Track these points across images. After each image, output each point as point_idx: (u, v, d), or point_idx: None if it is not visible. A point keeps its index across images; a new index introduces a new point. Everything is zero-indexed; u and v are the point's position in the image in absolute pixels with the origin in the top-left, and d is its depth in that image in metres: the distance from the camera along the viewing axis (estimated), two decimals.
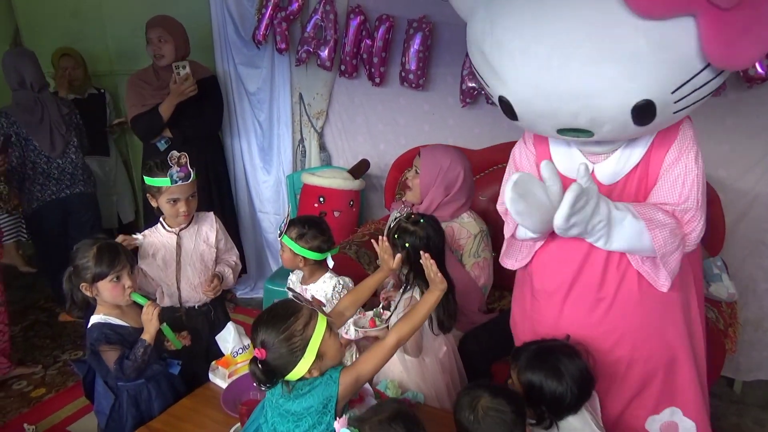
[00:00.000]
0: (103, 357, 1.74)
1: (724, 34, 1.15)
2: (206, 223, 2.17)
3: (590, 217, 1.35)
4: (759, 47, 1.18)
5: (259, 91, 3.27)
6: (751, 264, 2.43)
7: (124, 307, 1.80)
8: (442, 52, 2.77)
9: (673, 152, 1.41)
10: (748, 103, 2.26)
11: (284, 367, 1.28)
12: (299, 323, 1.29)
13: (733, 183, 2.37)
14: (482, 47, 1.36)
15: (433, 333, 1.89)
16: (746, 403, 2.55)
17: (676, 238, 1.39)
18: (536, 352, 1.41)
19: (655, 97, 1.23)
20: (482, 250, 2.26)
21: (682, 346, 1.53)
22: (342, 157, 3.25)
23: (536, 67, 1.26)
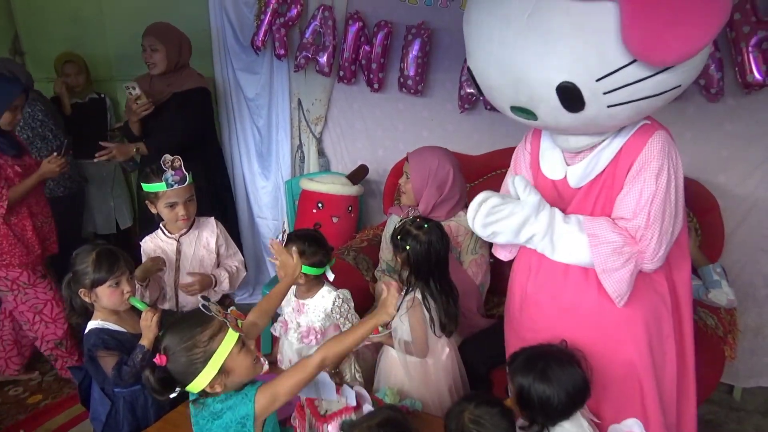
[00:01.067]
0: (100, 363, 1.73)
1: (645, 24, 1.14)
2: (207, 229, 2.18)
3: (517, 229, 1.46)
4: (686, 45, 1.15)
5: (258, 97, 3.27)
6: (750, 270, 2.42)
7: (121, 313, 1.80)
8: (440, 58, 2.78)
9: (636, 165, 1.39)
10: (747, 109, 2.26)
11: (182, 378, 1.24)
12: (205, 334, 1.25)
13: (732, 189, 2.37)
14: (464, 19, 1.44)
15: (435, 335, 1.88)
16: (746, 410, 2.54)
17: (621, 256, 1.40)
18: (529, 356, 1.42)
19: (578, 81, 1.25)
20: (480, 247, 2.27)
21: (644, 364, 1.51)
22: (341, 163, 3.25)
23: (486, 39, 1.35)
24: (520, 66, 1.30)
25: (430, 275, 1.87)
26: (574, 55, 1.23)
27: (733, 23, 2.09)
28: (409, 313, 1.84)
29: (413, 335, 1.84)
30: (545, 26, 1.23)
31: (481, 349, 2.12)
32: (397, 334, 1.88)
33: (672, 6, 1.13)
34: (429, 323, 1.86)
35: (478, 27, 1.36)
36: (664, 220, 1.39)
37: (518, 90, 1.35)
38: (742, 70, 2.12)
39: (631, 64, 1.21)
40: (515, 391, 1.40)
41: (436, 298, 1.86)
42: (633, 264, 1.41)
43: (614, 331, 1.52)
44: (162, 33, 2.85)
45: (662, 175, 1.37)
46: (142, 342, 1.72)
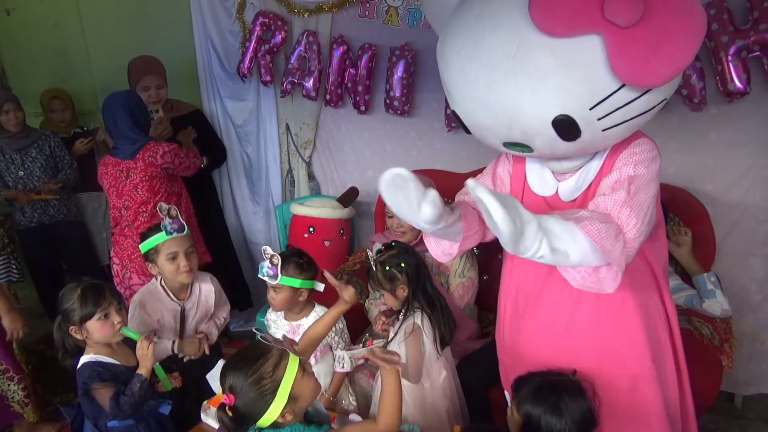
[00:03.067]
0: (95, 396, 1.70)
1: (630, 52, 1.16)
2: (205, 284, 2.17)
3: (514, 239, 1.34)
4: (670, 66, 1.18)
5: (246, 124, 3.28)
6: (743, 276, 2.42)
7: (114, 346, 1.78)
8: (425, 78, 2.80)
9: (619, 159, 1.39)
10: (730, 117, 2.28)
11: (255, 413, 1.23)
12: (269, 365, 1.24)
13: (720, 197, 2.38)
14: (440, 64, 1.44)
15: (438, 352, 1.88)
16: (748, 418, 2.52)
17: (611, 228, 1.29)
18: (539, 386, 1.39)
19: (572, 112, 1.26)
20: (468, 270, 2.25)
21: (648, 376, 1.50)
22: (331, 186, 3.25)
23: (470, 84, 1.34)
24: (511, 107, 1.30)
25: (426, 280, 1.90)
26: (565, 89, 1.24)
27: (711, 33, 2.11)
28: (408, 340, 1.83)
29: (410, 362, 1.84)
30: (532, 66, 1.23)
31: (478, 368, 2.11)
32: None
33: (653, 31, 1.15)
34: (432, 341, 1.85)
35: (461, 73, 1.35)
36: (643, 208, 1.33)
37: (511, 128, 1.35)
38: (723, 79, 2.14)
39: (621, 89, 1.23)
40: (521, 419, 1.37)
41: (435, 305, 1.88)
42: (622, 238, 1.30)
43: (616, 346, 1.50)
44: (161, 68, 3.01)
45: (641, 165, 1.36)
46: (139, 371, 1.71)
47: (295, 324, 1.97)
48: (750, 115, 2.25)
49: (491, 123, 1.38)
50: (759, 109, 2.23)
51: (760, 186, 2.33)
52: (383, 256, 1.90)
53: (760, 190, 2.33)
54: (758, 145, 2.28)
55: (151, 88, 2.94)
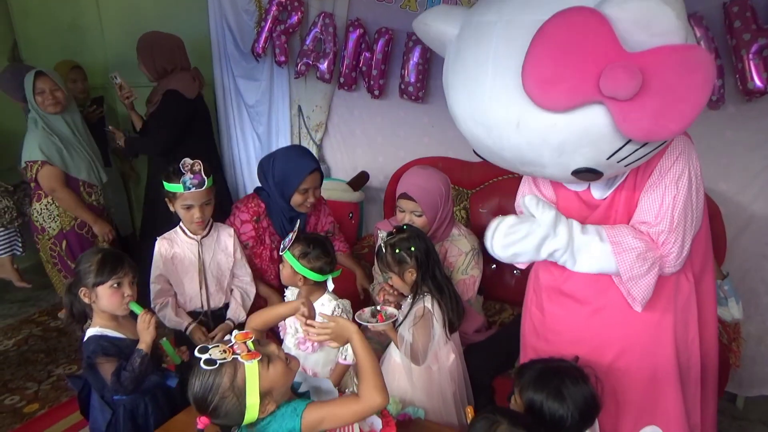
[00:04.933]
0: (99, 370, 1.71)
1: (637, 118, 1.14)
2: (225, 233, 2.21)
3: (537, 247, 1.43)
4: (681, 122, 1.15)
5: (258, 104, 3.27)
6: (753, 278, 2.41)
7: (120, 319, 1.78)
8: (441, 64, 2.71)
9: (657, 170, 1.40)
10: (747, 117, 2.27)
11: (234, 421, 1.21)
12: (225, 381, 1.18)
13: (733, 196, 2.37)
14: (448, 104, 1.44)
15: (447, 336, 1.88)
16: (749, 419, 2.52)
17: (646, 262, 1.39)
18: (541, 372, 1.39)
19: (591, 164, 1.28)
20: (471, 268, 2.22)
21: (668, 365, 1.51)
22: (341, 170, 3.24)
23: (480, 139, 1.35)
24: (530, 164, 1.33)
25: (436, 265, 1.90)
26: (578, 151, 1.25)
27: (733, 31, 2.10)
28: (418, 324, 1.83)
29: (417, 345, 1.84)
30: (539, 136, 1.24)
31: (484, 356, 2.11)
32: (403, 341, 1.87)
33: (658, 94, 1.12)
34: (441, 327, 1.86)
35: (471, 135, 1.37)
36: (686, 224, 1.39)
37: (535, 173, 1.40)
38: (742, 78, 2.13)
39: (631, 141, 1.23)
40: (524, 405, 1.37)
41: (444, 289, 1.87)
42: (656, 268, 1.41)
43: (641, 336, 1.50)
44: (139, 47, 2.97)
45: (683, 179, 1.38)
46: (139, 346, 1.71)
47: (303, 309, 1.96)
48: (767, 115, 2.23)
49: (511, 167, 1.42)
50: None
51: None
52: (394, 238, 1.90)
53: None
54: None
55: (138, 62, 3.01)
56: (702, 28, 2.12)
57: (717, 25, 2.15)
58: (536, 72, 1.15)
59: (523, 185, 1.77)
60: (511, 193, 2.52)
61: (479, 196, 2.62)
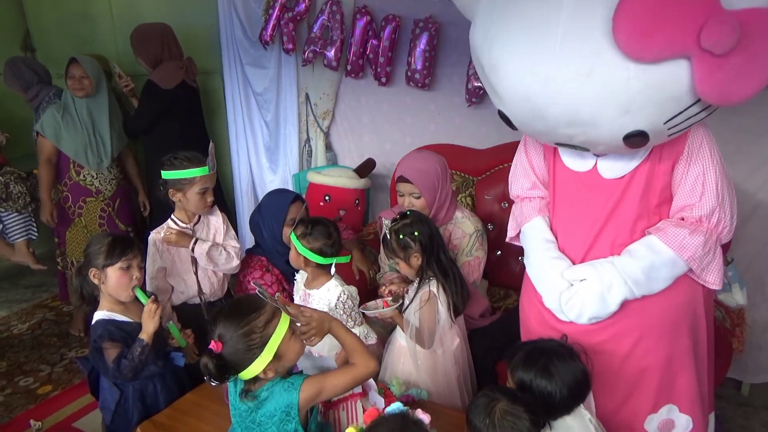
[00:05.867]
0: (105, 354, 1.74)
1: (718, 76, 1.15)
2: (213, 215, 2.22)
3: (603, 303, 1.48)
4: (755, 86, 1.17)
5: (266, 92, 3.28)
6: (759, 265, 2.40)
7: (127, 304, 1.81)
8: (448, 51, 2.78)
9: (687, 150, 1.42)
10: (755, 104, 2.18)
11: (239, 364, 1.25)
12: (261, 320, 1.26)
13: (740, 183, 2.34)
14: (481, 62, 1.38)
15: (451, 320, 1.89)
16: (754, 406, 2.53)
17: (711, 249, 1.45)
18: (529, 352, 1.41)
19: (647, 128, 1.26)
20: (476, 250, 2.23)
21: (683, 344, 1.53)
22: (348, 157, 3.25)
23: (531, 95, 1.28)
24: (581, 123, 1.27)
25: (440, 249, 1.91)
26: (644, 111, 1.22)
27: None
28: (423, 308, 1.85)
29: (423, 328, 1.86)
30: (609, 89, 1.19)
31: (488, 341, 2.13)
32: (409, 325, 1.89)
33: (744, 56, 1.13)
34: (446, 311, 1.87)
35: (519, 84, 1.28)
36: (731, 194, 1.45)
37: (573, 137, 1.34)
38: None
39: (698, 102, 1.22)
40: (515, 386, 1.39)
41: (448, 274, 1.89)
42: (720, 248, 1.47)
43: (658, 325, 1.52)
44: (132, 41, 3.16)
45: (715, 155, 1.43)
46: (141, 336, 1.72)
47: (307, 292, 1.97)
48: None
49: (549, 131, 1.36)
50: None
51: None
52: (398, 224, 1.91)
53: None
54: None
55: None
56: None
57: None
58: (633, 19, 1.12)
59: (514, 172, 1.78)
60: None
61: (485, 183, 2.63)
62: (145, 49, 3.12)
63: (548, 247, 1.63)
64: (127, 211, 3.22)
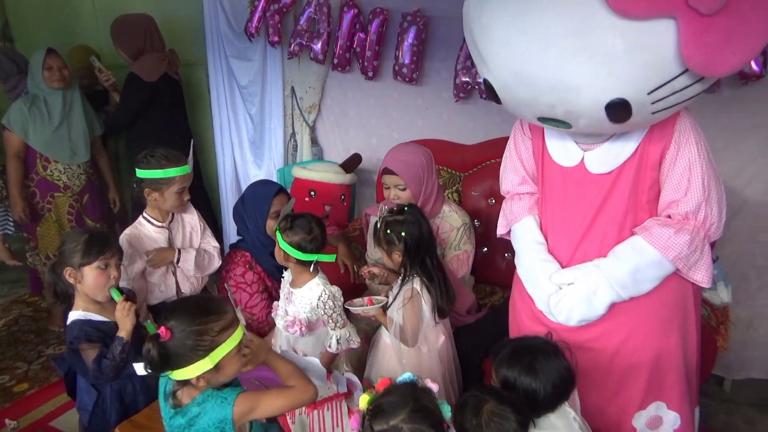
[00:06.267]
0: (83, 355, 1.70)
1: (705, 40, 1.13)
2: (188, 212, 2.17)
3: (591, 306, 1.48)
4: (742, 55, 1.15)
5: (251, 84, 3.23)
6: (743, 263, 2.42)
7: (103, 302, 1.76)
8: (436, 46, 2.75)
9: (673, 145, 1.40)
10: (743, 101, 2.25)
11: (179, 360, 1.20)
12: (217, 325, 1.22)
13: (726, 181, 2.29)
14: (472, 28, 1.36)
15: (434, 320, 1.87)
16: (737, 402, 2.55)
17: (697, 248, 1.43)
18: (514, 349, 1.40)
19: (630, 96, 1.23)
20: (464, 243, 2.23)
21: (672, 341, 1.52)
22: (334, 151, 3.22)
23: (516, 57, 1.26)
24: (561, 87, 1.24)
25: (427, 254, 1.87)
26: (628, 74, 1.19)
27: None
28: (407, 306, 1.83)
29: (407, 326, 1.84)
30: (595, 48, 1.16)
31: (474, 338, 2.11)
32: (392, 323, 1.86)
33: (732, 20, 1.12)
34: (430, 310, 1.85)
35: (506, 45, 1.26)
36: (718, 190, 1.43)
37: (555, 106, 1.30)
38: None
39: (684, 73, 1.20)
40: (500, 383, 1.38)
41: (433, 278, 1.86)
42: (707, 245, 1.45)
43: (647, 321, 1.51)
44: (115, 31, 3.11)
45: (701, 148, 1.41)
46: (120, 334, 1.68)
47: (291, 290, 1.92)
48: (763, 99, 2.21)
49: (532, 98, 1.32)
50: None
51: (767, 172, 2.31)
52: (391, 217, 1.88)
53: (766, 176, 2.31)
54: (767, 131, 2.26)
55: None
56: None
57: None
58: None
59: (504, 167, 1.76)
60: None
61: (472, 179, 2.61)
62: (126, 40, 3.07)
63: (538, 249, 1.62)
64: (96, 207, 3.11)
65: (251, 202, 2.21)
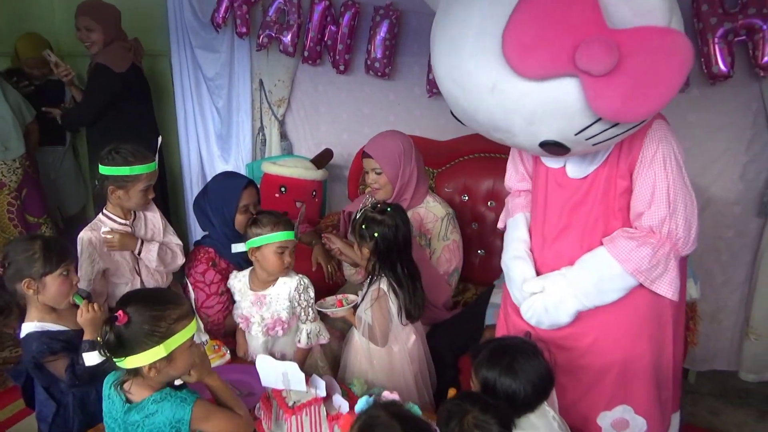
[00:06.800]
0: (49, 368, 1.63)
1: (609, 96, 1.15)
2: (150, 211, 2.10)
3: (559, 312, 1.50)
4: (655, 102, 1.17)
5: (218, 77, 3.13)
6: (708, 258, 2.48)
7: (58, 310, 1.68)
8: (409, 41, 2.72)
9: (641, 157, 1.40)
10: (711, 101, 2.30)
11: (132, 347, 1.21)
12: (174, 312, 1.24)
13: (693, 178, 2.32)
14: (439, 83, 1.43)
15: (401, 323, 1.85)
16: (701, 393, 2.62)
17: (659, 262, 1.41)
18: (493, 350, 1.39)
19: (559, 138, 1.28)
20: (451, 233, 2.25)
21: (641, 350, 1.53)
22: (304, 146, 3.16)
23: (458, 103, 1.35)
24: (502, 130, 1.33)
25: (398, 260, 1.85)
26: (546, 123, 1.26)
27: (701, 14, 2.11)
28: (374, 305, 1.81)
29: (375, 326, 1.83)
30: (511, 103, 1.24)
31: (449, 336, 2.11)
32: (361, 322, 1.85)
33: (631, 75, 1.13)
34: (396, 312, 1.83)
35: (448, 93, 1.37)
36: (686, 205, 1.40)
37: (504, 140, 1.39)
38: (708, 61, 2.15)
39: (601, 120, 1.23)
40: (480, 384, 1.37)
41: (402, 284, 1.83)
42: (673, 260, 1.43)
43: (615, 326, 1.51)
44: (97, 12, 2.88)
45: (669, 162, 1.38)
46: (87, 338, 1.62)
47: (260, 294, 1.89)
48: (729, 99, 2.27)
49: (483, 132, 1.40)
50: (738, 94, 2.25)
51: (732, 170, 2.37)
52: (372, 213, 1.87)
53: (731, 174, 2.38)
54: (734, 130, 2.31)
55: (81, 30, 2.88)
56: None
57: (685, 9, 2.14)
58: (516, 37, 1.14)
59: (509, 162, 1.80)
60: (476, 173, 2.54)
61: (445, 175, 2.60)
62: (107, 25, 2.89)
63: (517, 246, 1.65)
64: (36, 202, 2.96)
65: (217, 196, 2.14)
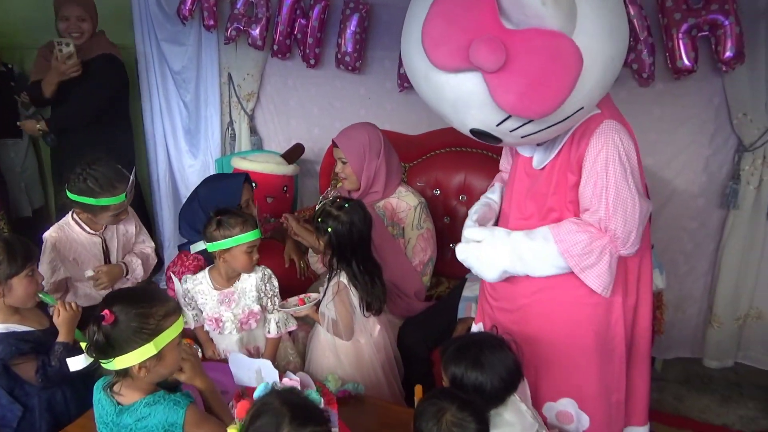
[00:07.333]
0: (17, 371, 1.60)
1: (504, 90, 1.23)
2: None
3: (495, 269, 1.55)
4: (545, 102, 1.23)
5: (185, 70, 3.07)
6: (673, 249, 2.54)
7: (22, 311, 1.64)
8: (380, 35, 2.71)
9: (587, 157, 1.43)
10: (675, 95, 2.35)
11: (121, 346, 1.18)
12: (161, 309, 1.22)
13: (657, 171, 2.47)
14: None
15: (364, 315, 1.86)
16: (667, 380, 2.69)
17: (592, 252, 1.43)
18: (460, 346, 1.41)
19: (483, 128, 1.36)
20: (424, 222, 2.28)
21: (587, 342, 1.56)
22: (274, 141, 3.12)
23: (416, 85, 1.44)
24: (443, 117, 1.44)
25: (353, 256, 1.85)
26: (468, 113, 1.33)
27: (665, 10, 2.15)
28: (335, 299, 1.81)
29: (339, 320, 1.84)
30: (438, 92, 1.35)
31: (422, 330, 2.12)
32: (325, 318, 1.86)
33: (522, 74, 1.21)
34: (359, 303, 1.84)
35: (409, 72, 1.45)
36: (626, 207, 1.42)
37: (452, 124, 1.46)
38: (672, 56, 2.19)
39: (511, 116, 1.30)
40: (449, 381, 1.38)
41: (359, 280, 1.84)
42: (608, 255, 1.44)
43: (573, 313, 1.55)
44: (86, 1, 2.75)
45: (611, 164, 1.40)
46: (61, 339, 1.59)
47: (226, 291, 1.86)
48: (693, 93, 2.33)
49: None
50: (702, 88, 2.31)
51: (695, 162, 2.43)
52: (330, 206, 1.87)
53: (695, 166, 2.44)
54: (697, 123, 2.37)
55: (71, 20, 2.71)
56: (635, 6, 2.16)
57: (650, 4, 2.20)
58: (428, 31, 1.25)
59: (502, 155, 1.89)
60: (447, 167, 2.55)
61: (416, 169, 2.60)
62: (95, 14, 2.79)
63: (480, 201, 1.80)
64: None
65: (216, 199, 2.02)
